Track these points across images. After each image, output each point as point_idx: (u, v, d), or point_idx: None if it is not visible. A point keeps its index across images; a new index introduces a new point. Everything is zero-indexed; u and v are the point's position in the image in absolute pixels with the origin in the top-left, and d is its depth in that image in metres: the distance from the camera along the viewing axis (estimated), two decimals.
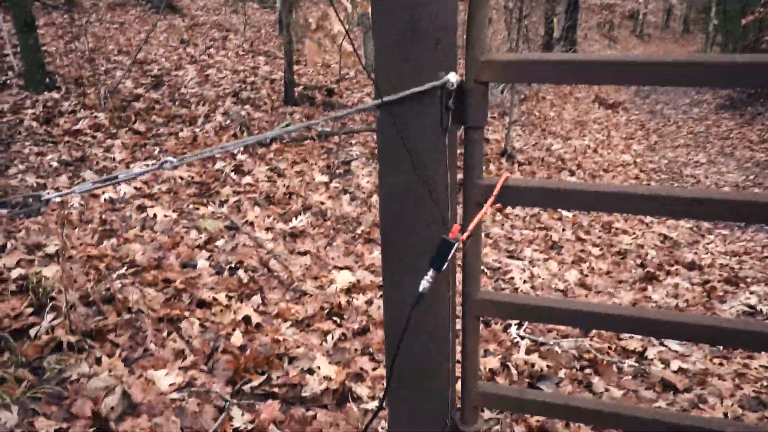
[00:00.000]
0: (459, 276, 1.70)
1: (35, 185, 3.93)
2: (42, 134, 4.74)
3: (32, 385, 2.33)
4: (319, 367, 2.76)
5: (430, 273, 1.40)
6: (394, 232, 1.64)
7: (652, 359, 3.19)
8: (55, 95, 5.59)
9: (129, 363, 2.53)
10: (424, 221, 1.69)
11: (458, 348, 1.78)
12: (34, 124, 4.82)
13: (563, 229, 5.62)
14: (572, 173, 8.45)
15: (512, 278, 4.24)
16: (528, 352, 3.14)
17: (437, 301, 1.74)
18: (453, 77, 1.38)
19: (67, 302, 2.58)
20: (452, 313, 1.81)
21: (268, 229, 4.05)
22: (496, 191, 1.61)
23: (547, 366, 3.01)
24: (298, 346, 2.89)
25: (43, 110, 5.27)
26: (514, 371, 2.94)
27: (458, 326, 1.77)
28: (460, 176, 1.62)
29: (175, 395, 2.42)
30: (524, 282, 4.21)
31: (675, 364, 3.12)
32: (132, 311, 2.82)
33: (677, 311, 4.00)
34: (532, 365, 3.00)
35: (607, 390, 2.88)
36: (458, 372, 1.81)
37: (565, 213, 6.12)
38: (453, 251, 1.39)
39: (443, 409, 1.89)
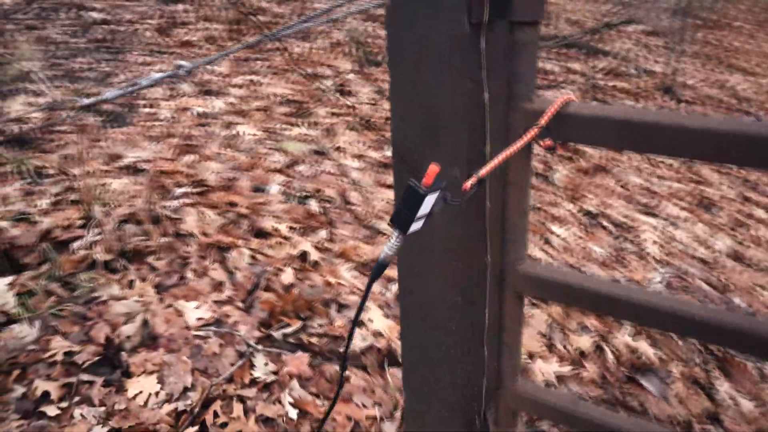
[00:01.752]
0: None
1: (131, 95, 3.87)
2: (154, 44, 4.70)
3: (60, 300, 2.21)
4: (371, 320, 2.40)
5: (395, 235, 0.93)
6: (406, 175, 1.17)
7: None
8: (180, 7, 5.55)
9: (162, 289, 2.34)
10: (440, 161, 1.20)
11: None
12: (149, 34, 4.80)
13: (721, 183, 4.63)
14: (758, 119, 7.05)
15: (641, 239, 3.52)
16: (635, 334, 2.52)
17: (471, 269, 1.27)
18: None
19: (107, 218, 2.42)
20: (491, 286, 1.33)
21: (358, 157, 3.68)
22: (544, 119, 1.07)
23: (657, 357, 2.39)
24: (353, 292, 2.54)
25: (164, 20, 5.25)
26: (610, 357, 2.36)
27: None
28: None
29: (200, 332, 2.19)
30: (656, 244, 3.47)
31: None
32: (181, 234, 2.62)
33: None
34: (637, 353, 2.40)
35: (733, 400, 2.21)
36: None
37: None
38: (425, 206, 0.90)
39: (473, 404, 1.44)
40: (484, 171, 1.00)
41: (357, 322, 2.34)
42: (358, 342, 2.27)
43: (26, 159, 2.89)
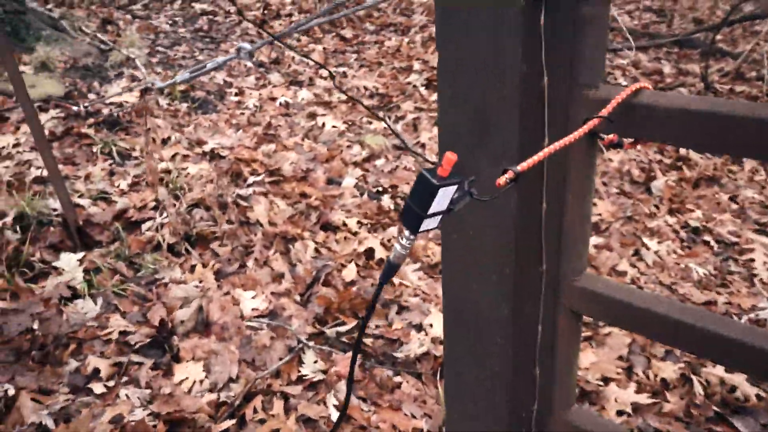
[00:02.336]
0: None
1: (222, 82, 3.95)
2: (252, 35, 4.79)
3: (124, 280, 2.25)
4: (431, 325, 2.26)
5: (405, 234, 0.79)
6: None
7: None
8: None
9: (221, 276, 2.33)
10: (489, 154, 1.08)
11: None
12: (250, 25, 4.89)
13: None
14: None
15: (750, 260, 3.12)
16: None
17: (522, 279, 1.12)
18: None
19: (178, 202, 2.45)
20: (545, 300, 1.16)
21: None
22: (608, 108, 0.90)
23: (756, 395, 2.08)
24: (416, 295, 2.41)
25: (266, 13, 5.35)
26: (698, 390, 2.08)
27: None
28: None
29: (253, 323, 2.15)
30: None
31: None
32: (249, 222, 2.61)
33: None
34: (732, 389, 2.10)
35: None
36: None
37: None
38: (440, 200, 0.76)
39: (520, 430, 1.28)
40: (523, 166, 0.84)
41: (418, 326, 2.18)
42: (414, 347, 2.14)
43: (114, 140, 2.99)
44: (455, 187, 0.76)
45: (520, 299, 1.14)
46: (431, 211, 0.75)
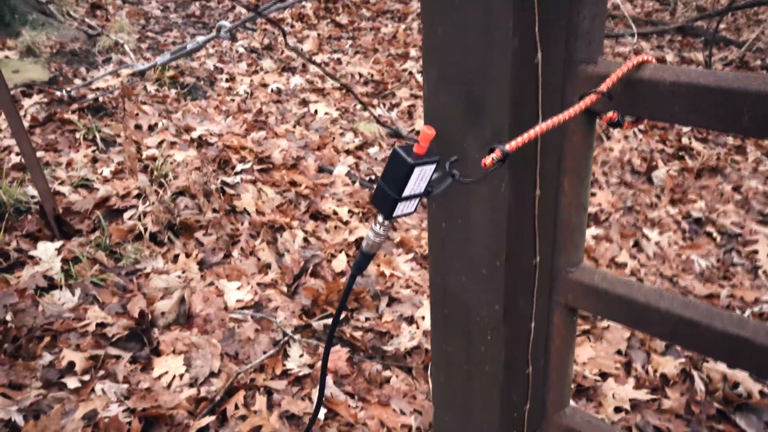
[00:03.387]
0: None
1: (213, 68, 3.85)
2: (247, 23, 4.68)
3: (104, 270, 2.17)
4: (423, 318, 2.18)
5: (379, 220, 0.71)
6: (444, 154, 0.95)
7: None
8: None
9: (205, 266, 2.24)
10: (479, 136, 1.00)
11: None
12: (243, 11, 4.79)
13: None
14: None
15: (754, 252, 3.04)
16: None
17: (514, 271, 1.04)
18: None
19: (162, 190, 2.36)
20: (539, 293, 1.08)
21: None
22: (606, 84, 0.81)
23: (760, 392, 2.00)
24: (408, 286, 2.33)
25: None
26: (699, 387, 2.01)
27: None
28: None
29: (237, 315, 2.07)
30: None
31: None
32: (236, 210, 2.52)
33: None
34: (734, 385, 2.02)
35: None
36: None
37: None
38: (416, 181, 0.67)
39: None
40: (512, 145, 0.75)
41: (410, 319, 2.10)
42: (405, 341, 2.06)
43: (98, 126, 2.90)
44: (433, 166, 0.67)
45: (512, 293, 1.06)
46: (406, 193, 0.67)
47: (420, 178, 0.67)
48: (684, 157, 3.71)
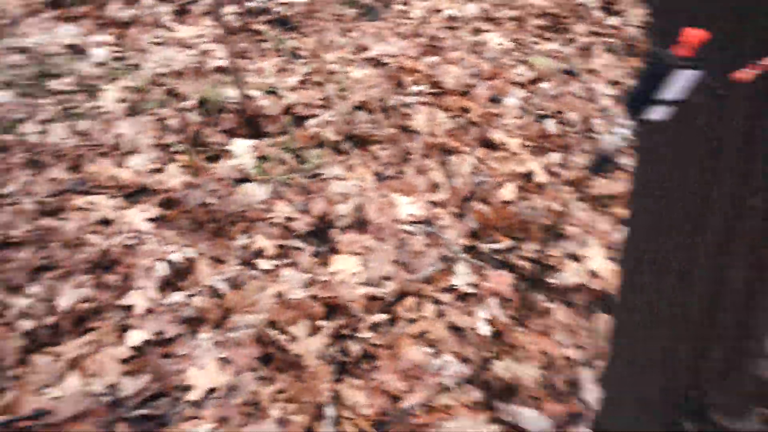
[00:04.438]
0: None
1: None
2: None
3: (290, 170, 2.33)
4: (588, 257, 2.14)
5: (622, 119, 0.69)
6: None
7: None
8: None
9: (380, 179, 2.34)
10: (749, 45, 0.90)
11: None
12: None
13: None
14: None
15: None
16: None
17: (721, 204, 0.98)
18: None
19: (343, 102, 2.46)
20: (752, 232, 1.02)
21: (613, 83, 3.26)
22: None
23: None
24: (575, 225, 2.28)
25: None
26: None
27: None
28: None
29: (409, 227, 2.15)
30: None
31: None
32: (409, 129, 2.58)
33: None
34: None
35: None
36: None
37: None
38: (674, 86, 0.64)
39: (696, 377, 1.16)
40: None
41: (574, 256, 2.07)
42: (569, 275, 2.05)
43: (285, 39, 3.05)
44: (695, 74, 0.63)
45: (716, 230, 0.99)
46: (660, 96, 0.64)
47: (679, 84, 0.64)
48: None
